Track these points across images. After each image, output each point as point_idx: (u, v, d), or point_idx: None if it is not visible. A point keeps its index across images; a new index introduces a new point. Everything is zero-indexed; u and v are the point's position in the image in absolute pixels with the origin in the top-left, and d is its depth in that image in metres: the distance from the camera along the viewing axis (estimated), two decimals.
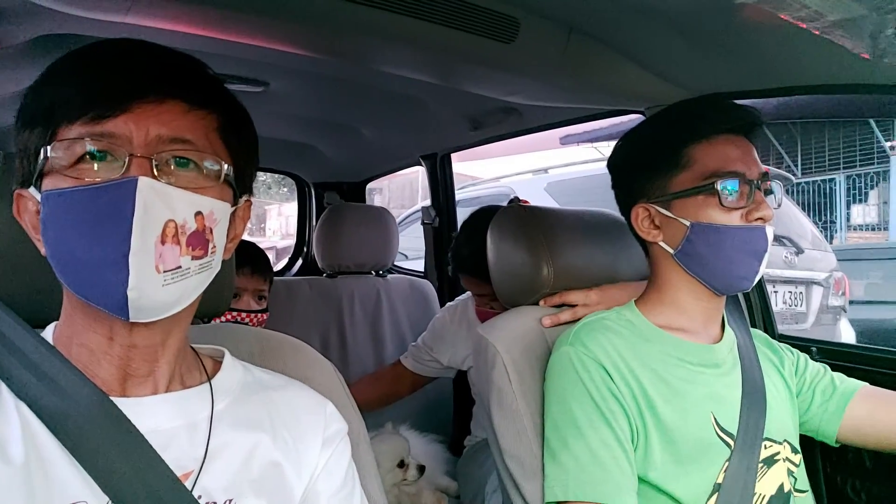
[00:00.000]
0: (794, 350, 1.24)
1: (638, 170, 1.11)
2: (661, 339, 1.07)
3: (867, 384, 1.16)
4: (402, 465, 1.74)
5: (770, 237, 1.02)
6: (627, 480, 0.95)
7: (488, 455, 1.75)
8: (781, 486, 1.05)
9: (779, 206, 1.07)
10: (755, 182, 1.01)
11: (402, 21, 1.11)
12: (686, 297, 1.09)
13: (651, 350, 1.06)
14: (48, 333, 0.69)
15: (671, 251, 1.06)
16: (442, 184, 2.60)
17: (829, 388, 1.16)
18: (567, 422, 1.00)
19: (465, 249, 1.84)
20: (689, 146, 1.04)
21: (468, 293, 2.01)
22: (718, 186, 1.00)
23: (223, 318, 1.62)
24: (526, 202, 1.82)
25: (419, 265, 2.90)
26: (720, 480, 0.99)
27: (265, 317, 1.74)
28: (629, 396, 1.00)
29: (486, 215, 1.85)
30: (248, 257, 1.69)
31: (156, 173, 0.61)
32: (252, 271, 1.70)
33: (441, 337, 2.02)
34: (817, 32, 0.93)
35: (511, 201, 1.85)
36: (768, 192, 1.06)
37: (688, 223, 1.03)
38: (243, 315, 1.68)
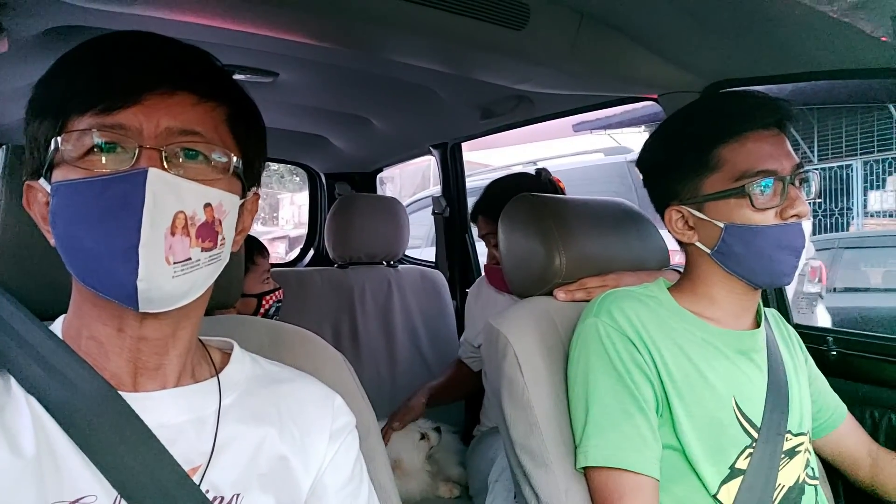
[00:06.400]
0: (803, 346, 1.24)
1: (667, 172, 1.09)
2: (687, 319, 1.07)
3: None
4: (423, 437, 1.85)
5: (807, 232, 1.00)
6: (649, 448, 0.97)
7: (491, 444, 1.76)
8: (798, 477, 1.05)
9: (818, 195, 1.05)
10: (788, 178, 0.99)
11: (411, 9, 1.09)
12: (721, 292, 1.08)
13: (675, 325, 1.06)
14: (57, 327, 0.69)
15: (707, 251, 1.05)
16: (453, 173, 2.59)
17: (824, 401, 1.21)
18: (591, 392, 1.02)
19: (484, 199, 1.91)
20: (717, 147, 1.01)
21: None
22: (749, 189, 0.98)
23: (272, 300, 1.80)
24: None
25: (417, 253, 2.89)
26: (740, 466, 0.99)
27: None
28: (651, 365, 1.01)
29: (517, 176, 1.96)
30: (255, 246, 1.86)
31: (165, 165, 0.61)
32: (265, 254, 1.87)
33: (470, 320, 2.06)
34: (834, 15, 0.91)
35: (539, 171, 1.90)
36: (805, 181, 1.02)
37: (722, 225, 1.01)
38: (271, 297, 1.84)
